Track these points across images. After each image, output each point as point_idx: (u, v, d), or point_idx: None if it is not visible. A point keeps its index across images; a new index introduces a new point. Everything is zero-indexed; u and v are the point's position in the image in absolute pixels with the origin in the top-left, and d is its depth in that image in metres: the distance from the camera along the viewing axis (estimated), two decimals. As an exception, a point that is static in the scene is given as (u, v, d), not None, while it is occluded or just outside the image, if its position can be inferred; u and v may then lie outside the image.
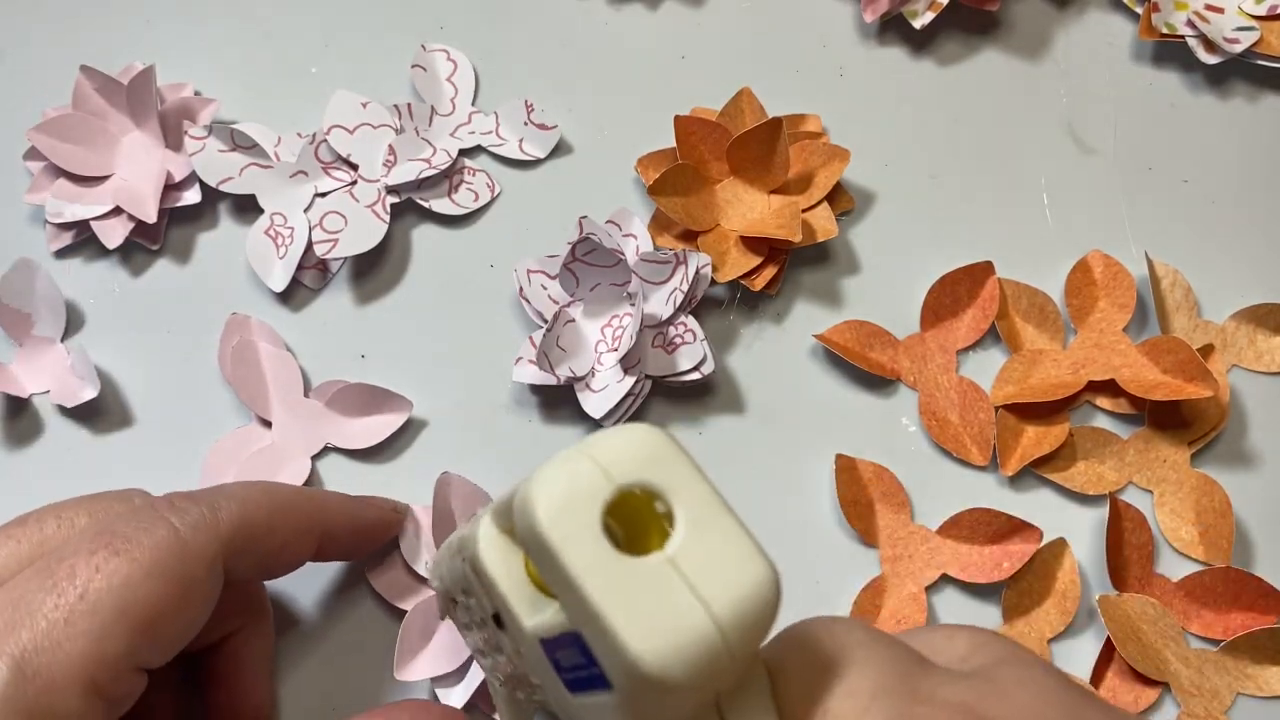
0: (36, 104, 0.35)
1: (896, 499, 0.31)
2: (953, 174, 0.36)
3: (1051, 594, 0.30)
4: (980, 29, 0.38)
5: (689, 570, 0.16)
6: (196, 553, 0.22)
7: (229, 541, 0.23)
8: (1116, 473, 0.32)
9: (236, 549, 0.24)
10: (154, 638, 0.22)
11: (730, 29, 0.38)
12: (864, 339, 0.33)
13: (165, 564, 0.22)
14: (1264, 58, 0.36)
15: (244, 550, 0.24)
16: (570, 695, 0.18)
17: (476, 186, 0.35)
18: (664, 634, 0.15)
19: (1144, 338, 0.33)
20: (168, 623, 0.22)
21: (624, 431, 0.17)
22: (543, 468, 0.17)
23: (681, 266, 0.31)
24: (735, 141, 0.33)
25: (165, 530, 0.22)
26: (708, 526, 0.16)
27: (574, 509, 0.16)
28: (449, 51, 0.36)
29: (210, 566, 0.23)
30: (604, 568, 0.16)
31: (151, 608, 0.21)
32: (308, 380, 0.32)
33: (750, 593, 0.16)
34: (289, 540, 0.25)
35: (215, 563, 0.23)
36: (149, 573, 0.21)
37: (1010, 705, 0.16)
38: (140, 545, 0.22)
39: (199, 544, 0.22)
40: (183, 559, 0.22)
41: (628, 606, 0.15)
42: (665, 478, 0.16)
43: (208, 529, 0.23)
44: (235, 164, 0.34)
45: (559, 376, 0.30)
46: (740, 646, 0.16)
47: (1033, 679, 0.17)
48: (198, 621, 0.23)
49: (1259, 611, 0.30)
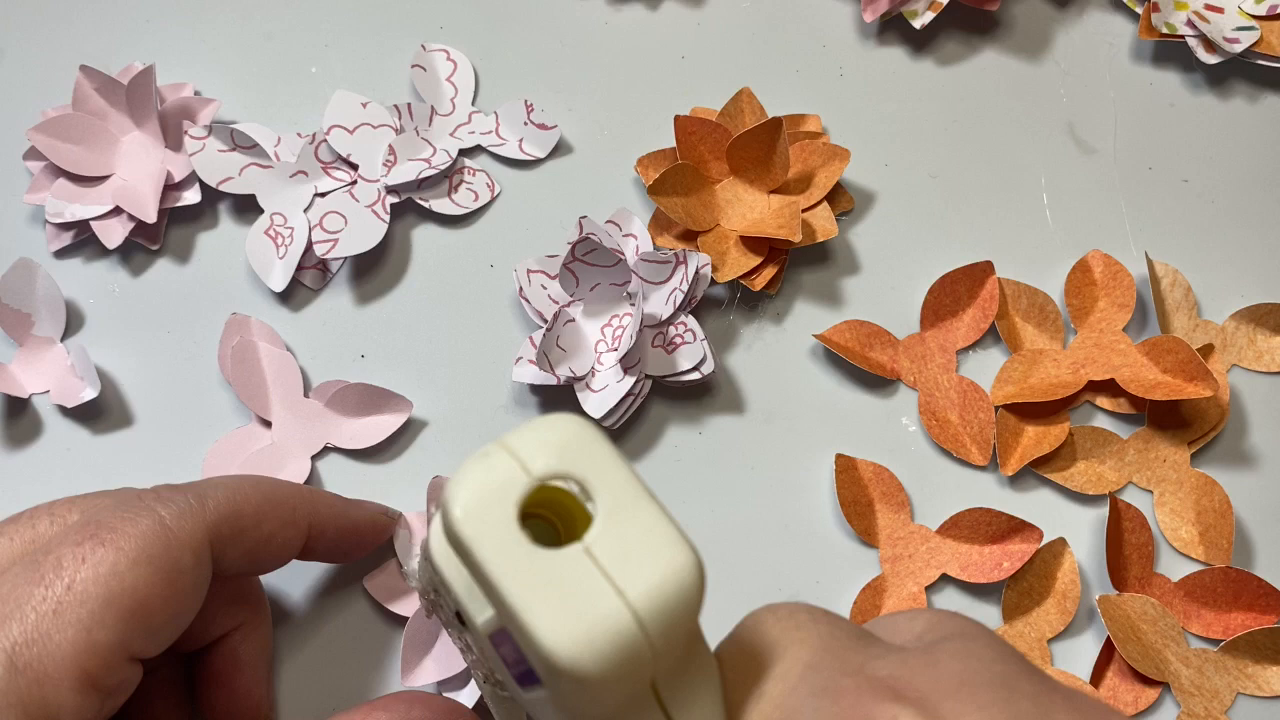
0: (36, 104, 0.35)
1: (896, 499, 0.31)
2: (953, 174, 0.36)
3: (1051, 594, 0.30)
4: (980, 29, 0.38)
5: (605, 560, 0.16)
6: (182, 540, 0.22)
7: (215, 529, 0.23)
8: (1116, 473, 0.32)
9: (223, 537, 0.24)
10: (144, 626, 0.22)
11: (730, 29, 0.38)
12: (864, 339, 0.33)
13: (151, 552, 0.22)
14: (1264, 58, 0.36)
15: (231, 539, 0.24)
16: (521, 690, 0.18)
17: (476, 186, 0.35)
18: (578, 626, 0.15)
19: (1144, 337, 0.33)
20: (157, 611, 0.22)
21: (543, 422, 0.17)
22: (463, 463, 0.16)
23: (681, 266, 0.31)
24: (735, 141, 0.33)
25: (150, 519, 0.22)
26: (627, 514, 0.16)
27: (489, 505, 0.16)
28: (449, 51, 0.36)
29: (196, 554, 0.23)
30: (519, 563, 0.15)
31: (139, 596, 0.21)
32: (308, 380, 0.32)
33: (669, 580, 0.16)
34: (276, 531, 0.25)
35: (202, 550, 0.23)
36: (135, 561, 0.21)
37: (938, 675, 0.16)
38: (125, 534, 0.22)
39: (185, 531, 0.23)
40: (168, 546, 0.22)
41: (543, 600, 0.15)
42: (584, 467, 0.16)
43: (193, 516, 0.23)
44: (235, 164, 0.34)
45: (559, 376, 0.30)
46: (661, 635, 0.16)
47: (970, 651, 0.17)
48: (188, 610, 0.23)
49: (1259, 611, 0.30)
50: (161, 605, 0.22)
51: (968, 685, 0.16)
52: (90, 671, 0.21)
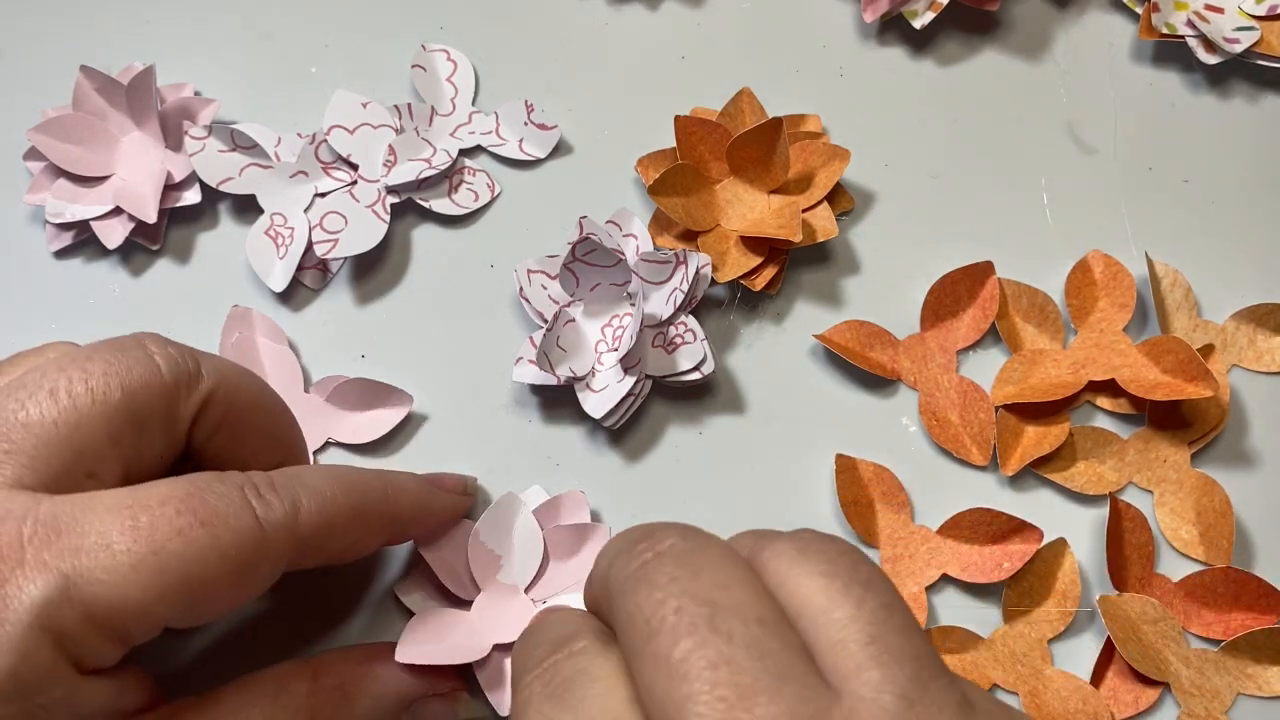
0: (36, 104, 0.35)
1: (897, 499, 0.31)
2: (953, 174, 0.36)
3: (1052, 594, 0.30)
4: (980, 29, 0.38)
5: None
6: (272, 553, 0.22)
7: (303, 544, 0.23)
8: (1116, 473, 0.32)
9: (307, 549, 0.23)
10: (201, 612, 0.22)
11: (730, 29, 0.38)
12: (864, 339, 0.33)
13: (241, 554, 0.22)
14: (1264, 58, 0.36)
15: (313, 551, 0.24)
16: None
17: (476, 186, 0.35)
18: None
19: (1144, 338, 0.33)
20: (219, 604, 0.22)
21: None
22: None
23: (681, 266, 0.31)
24: (735, 141, 0.33)
25: (251, 521, 0.22)
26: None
27: None
28: (449, 51, 0.36)
29: (275, 567, 0.23)
30: None
31: (213, 587, 0.21)
32: (308, 378, 0.32)
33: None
34: (359, 540, 0.25)
35: (281, 563, 0.23)
36: (224, 556, 0.21)
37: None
38: (227, 527, 0.21)
39: (276, 544, 0.22)
40: (257, 554, 0.22)
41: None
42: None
43: (287, 530, 0.23)
44: (235, 164, 0.34)
45: (559, 376, 0.30)
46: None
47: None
48: (243, 604, 0.23)
49: (1259, 611, 0.30)
50: (226, 601, 0.22)
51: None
52: (131, 632, 0.21)
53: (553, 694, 0.18)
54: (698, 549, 0.19)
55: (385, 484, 0.26)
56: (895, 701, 0.16)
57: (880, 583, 0.18)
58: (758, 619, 0.17)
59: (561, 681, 0.18)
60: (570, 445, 0.32)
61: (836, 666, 0.17)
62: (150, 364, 0.23)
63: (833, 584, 0.18)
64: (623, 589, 0.18)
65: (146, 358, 0.23)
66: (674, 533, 0.19)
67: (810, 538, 0.19)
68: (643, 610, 0.18)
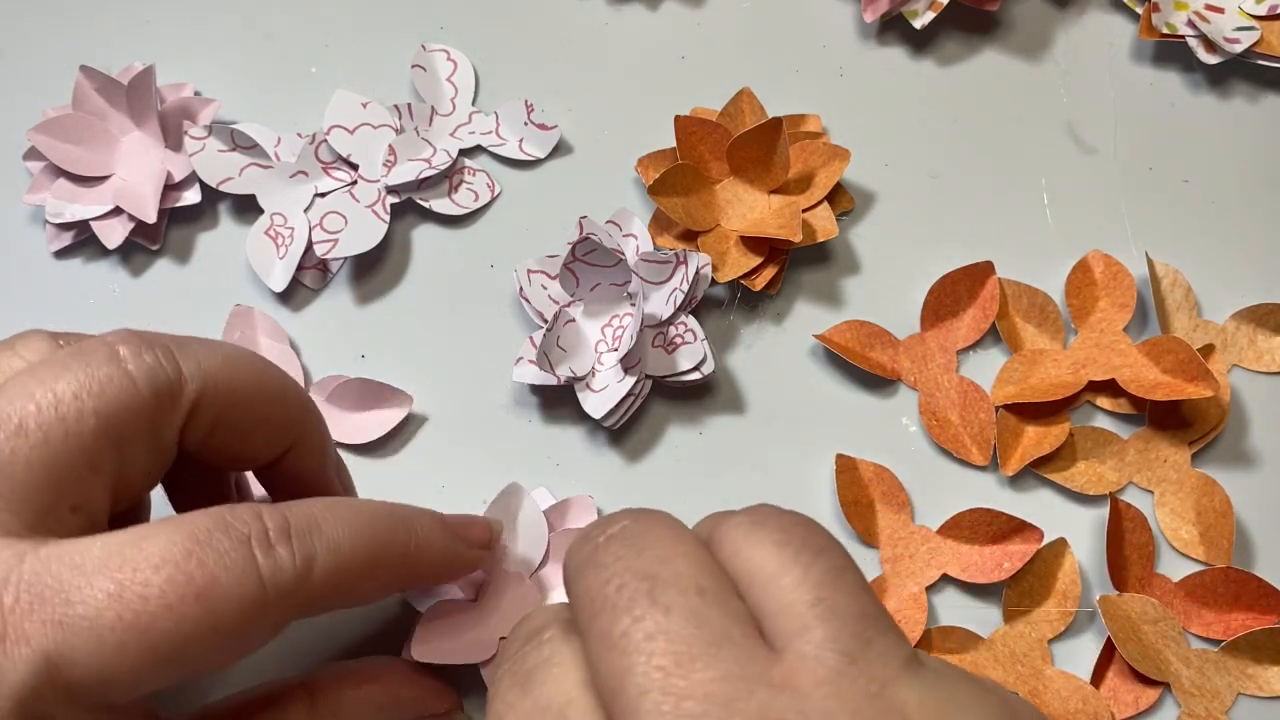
0: (36, 104, 0.35)
1: (897, 499, 0.31)
2: (953, 174, 0.36)
3: (1052, 594, 0.30)
4: (980, 29, 0.38)
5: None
6: (274, 617, 0.21)
7: (312, 602, 0.21)
8: (1117, 473, 0.32)
9: (315, 606, 0.22)
10: (191, 676, 0.20)
11: (730, 29, 0.38)
12: (864, 339, 0.33)
13: (239, 624, 0.20)
14: (1264, 58, 0.36)
15: (321, 606, 0.22)
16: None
17: (476, 186, 0.35)
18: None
19: (1144, 338, 0.33)
20: (211, 668, 0.20)
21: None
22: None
23: (681, 266, 0.31)
24: (735, 141, 0.33)
25: (253, 587, 0.20)
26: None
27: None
28: (449, 51, 0.36)
29: (278, 628, 0.21)
30: None
31: (205, 659, 0.20)
32: (308, 378, 0.32)
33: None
34: (373, 591, 0.24)
35: (286, 623, 0.21)
36: (218, 629, 0.19)
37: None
38: (225, 598, 0.19)
39: (280, 608, 0.20)
40: (257, 622, 0.20)
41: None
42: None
43: (294, 591, 0.21)
44: (235, 164, 0.34)
45: (559, 376, 0.30)
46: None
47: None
48: (240, 660, 0.21)
49: (1259, 611, 0.30)
50: (217, 664, 0.21)
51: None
52: (115, 704, 0.19)
53: (517, 682, 0.19)
54: (646, 529, 0.19)
55: (409, 535, 0.24)
56: (837, 658, 0.17)
57: (833, 549, 0.18)
58: (697, 589, 0.17)
59: (526, 670, 0.19)
60: (570, 445, 0.32)
61: (783, 629, 0.17)
62: (124, 379, 0.20)
63: (783, 551, 0.18)
64: (576, 574, 0.19)
65: (120, 372, 0.20)
66: (626, 516, 0.19)
67: (766, 511, 0.19)
68: (589, 591, 0.18)
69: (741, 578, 0.18)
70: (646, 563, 0.18)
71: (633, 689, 0.16)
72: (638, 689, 0.16)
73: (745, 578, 0.18)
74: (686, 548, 0.18)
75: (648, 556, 0.18)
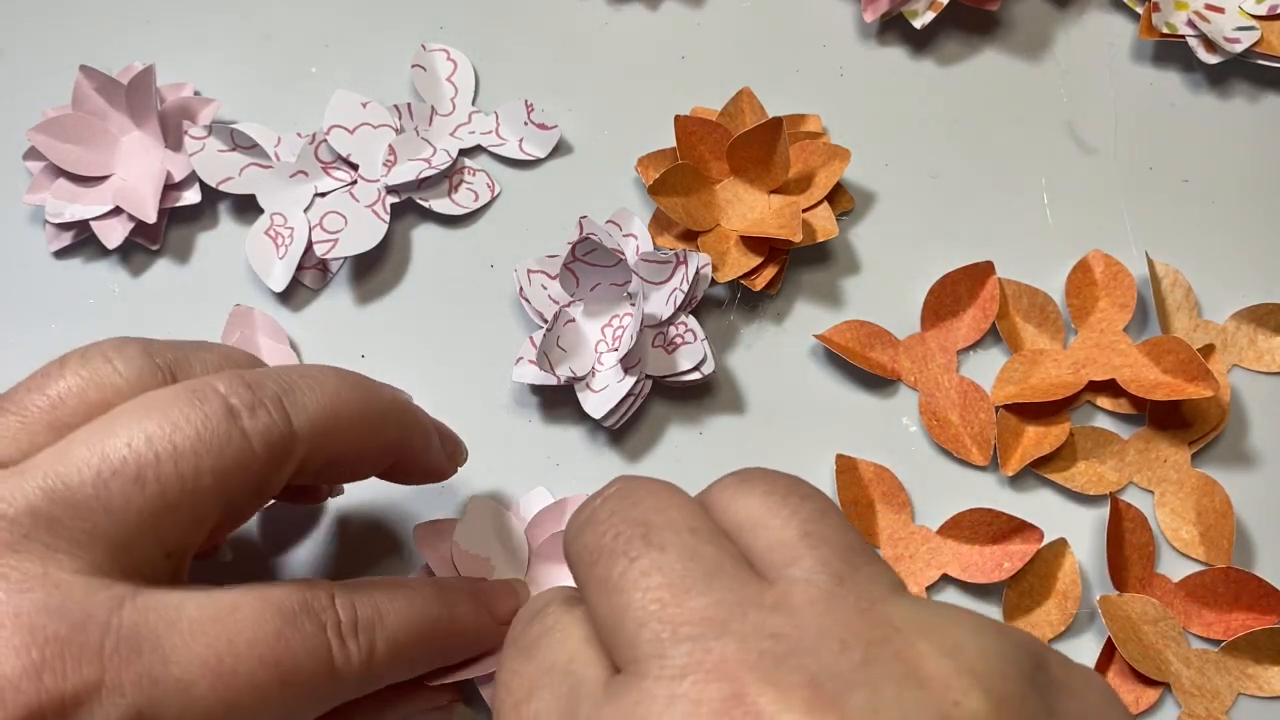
0: (36, 104, 0.35)
1: (897, 499, 0.31)
2: (953, 174, 0.36)
3: (1052, 594, 0.30)
4: (980, 29, 0.38)
5: None
6: (333, 701, 0.22)
7: (365, 688, 0.23)
8: (1117, 473, 0.32)
9: (368, 688, 0.23)
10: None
11: (730, 29, 0.38)
12: (864, 339, 0.33)
13: (308, 705, 0.21)
14: (1264, 57, 0.36)
15: (374, 687, 0.23)
16: None
17: (476, 186, 0.35)
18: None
19: (1144, 338, 0.33)
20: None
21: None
22: None
23: (681, 266, 0.31)
24: (735, 141, 0.33)
25: (328, 671, 0.21)
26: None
27: None
28: (449, 51, 0.36)
29: (336, 704, 0.22)
30: None
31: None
32: (308, 380, 0.32)
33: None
34: (412, 673, 0.25)
35: (343, 701, 0.22)
36: (290, 708, 0.21)
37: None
38: (305, 683, 0.21)
39: (341, 694, 0.22)
40: (326, 701, 0.22)
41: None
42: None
43: (356, 682, 0.22)
44: (235, 164, 0.34)
45: (559, 376, 0.30)
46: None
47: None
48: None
49: (1260, 611, 0.30)
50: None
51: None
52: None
53: (521, 651, 0.20)
54: (639, 486, 0.20)
55: (451, 620, 0.25)
56: (828, 580, 0.17)
57: (818, 495, 0.19)
58: (689, 529, 0.18)
59: (530, 640, 0.20)
60: (570, 445, 0.32)
61: (774, 562, 0.18)
62: (241, 440, 0.21)
63: (770, 498, 0.19)
64: (574, 536, 0.20)
65: (237, 431, 0.21)
66: (620, 480, 0.20)
67: (753, 470, 0.20)
68: (587, 546, 0.19)
69: (732, 527, 0.19)
70: (640, 512, 0.19)
71: (631, 623, 0.17)
72: (636, 622, 0.17)
73: (735, 526, 0.19)
74: (679, 499, 0.19)
75: (642, 507, 0.19)
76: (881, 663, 0.16)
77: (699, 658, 0.16)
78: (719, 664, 0.16)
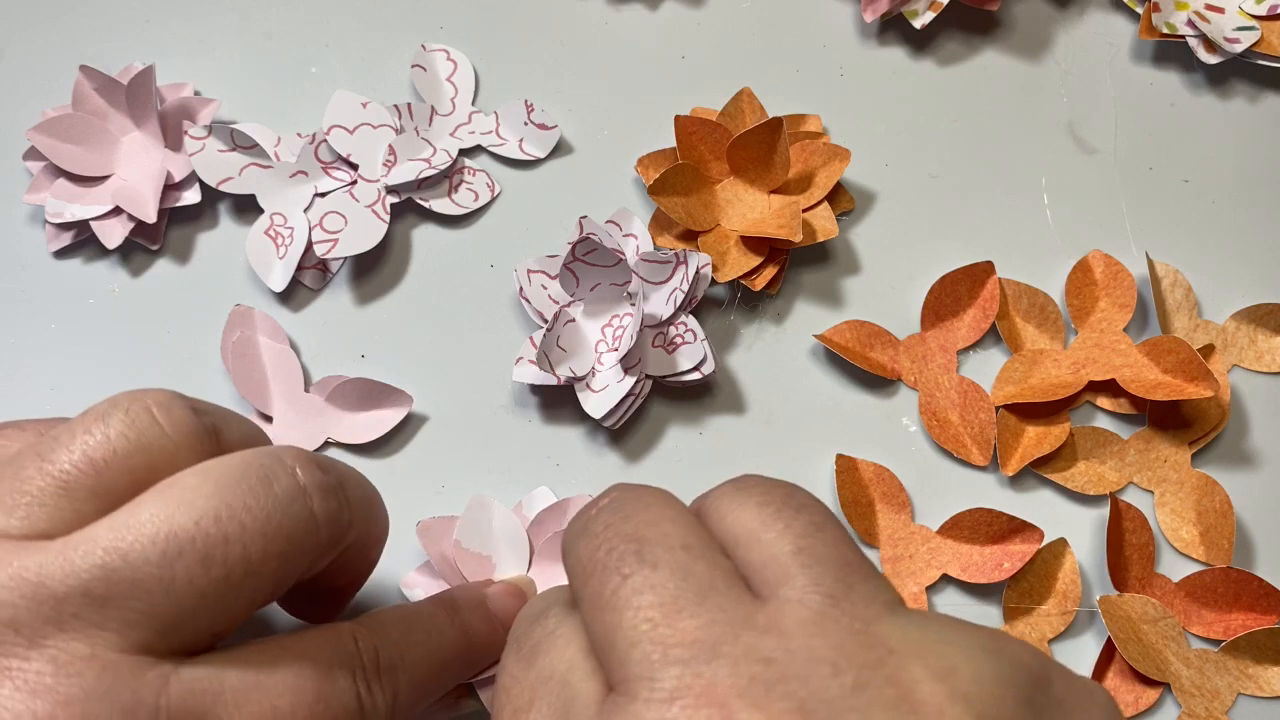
0: (36, 104, 0.35)
1: (897, 499, 0.31)
2: (953, 174, 0.36)
3: (1052, 594, 0.30)
4: (980, 29, 0.38)
5: None
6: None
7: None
8: (1117, 473, 0.32)
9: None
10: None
11: (730, 29, 0.38)
12: (864, 339, 0.33)
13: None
14: (1264, 57, 0.36)
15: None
16: None
17: (476, 186, 0.35)
18: None
19: (1144, 338, 0.33)
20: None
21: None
22: None
23: (681, 266, 0.31)
24: (735, 141, 0.33)
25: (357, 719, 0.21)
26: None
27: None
28: (449, 51, 0.36)
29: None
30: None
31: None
32: (309, 378, 0.32)
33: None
34: (430, 702, 0.25)
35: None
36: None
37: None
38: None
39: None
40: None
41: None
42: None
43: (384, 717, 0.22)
44: (235, 164, 0.34)
45: (559, 376, 0.30)
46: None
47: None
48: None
49: (1260, 611, 0.30)
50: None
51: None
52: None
53: (521, 657, 0.19)
54: (634, 498, 0.19)
55: (467, 646, 0.25)
56: (821, 600, 0.17)
57: (815, 506, 0.19)
58: (683, 546, 0.18)
59: (531, 646, 0.19)
60: (570, 445, 0.32)
61: (767, 579, 0.18)
62: (310, 522, 0.20)
63: (765, 510, 0.19)
64: (569, 547, 0.20)
65: (306, 513, 0.20)
66: (616, 489, 0.20)
67: (750, 478, 0.20)
68: (582, 559, 0.19)
69: (727, 540, 0.19)
70: (634, 526, 0.18)
71: (623, 642, 0.17)
72: (627, 641, 0.17)
73: (730, 539, 0.19)
74: (673, 513, 0.19)
75: (635, 521, 0.19)
76: (873, 688, 0.16)
77: (689, 682, 0.16)
78: (708, 689, 0.16)
